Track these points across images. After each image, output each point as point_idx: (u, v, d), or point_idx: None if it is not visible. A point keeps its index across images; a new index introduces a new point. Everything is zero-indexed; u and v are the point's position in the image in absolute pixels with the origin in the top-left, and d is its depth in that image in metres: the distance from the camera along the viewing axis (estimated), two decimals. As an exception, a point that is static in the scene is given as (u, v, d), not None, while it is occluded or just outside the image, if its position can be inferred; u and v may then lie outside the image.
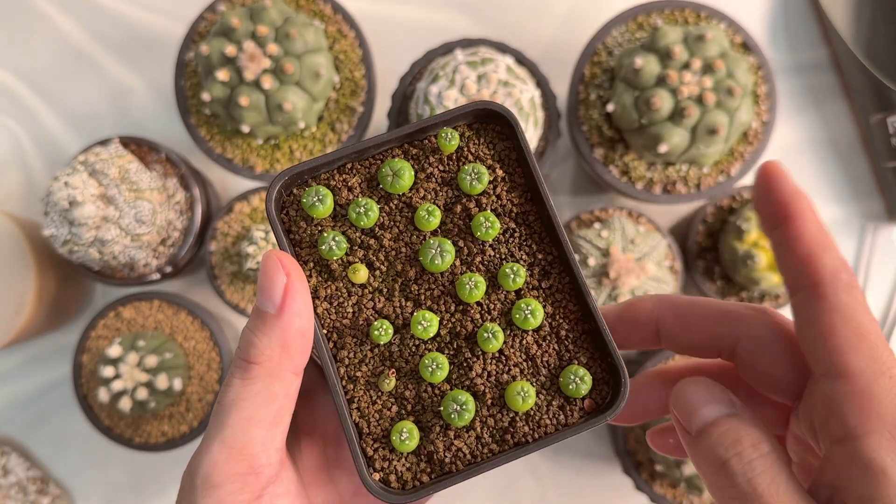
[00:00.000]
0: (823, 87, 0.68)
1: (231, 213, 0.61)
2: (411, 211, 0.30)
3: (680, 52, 0.53)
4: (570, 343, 0.29)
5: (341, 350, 0.29)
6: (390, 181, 0.29)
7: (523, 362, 0.29)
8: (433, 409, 0.29)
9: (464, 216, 0.30)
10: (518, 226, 0.30)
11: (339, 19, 0.61)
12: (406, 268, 0.29)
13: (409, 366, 0.29)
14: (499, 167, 0.30)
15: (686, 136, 0.54)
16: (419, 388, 0.29)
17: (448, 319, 0.29)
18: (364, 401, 0.29)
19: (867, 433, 0.23)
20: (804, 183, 0.67)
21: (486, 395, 0.29)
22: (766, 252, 0.58)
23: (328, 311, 0.29)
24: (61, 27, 0.67)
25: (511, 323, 0.29)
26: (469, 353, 0.29)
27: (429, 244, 0.29)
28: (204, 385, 0.61)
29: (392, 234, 0.30)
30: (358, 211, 0.29)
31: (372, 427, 0.29)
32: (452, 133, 0.29)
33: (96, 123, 0.67)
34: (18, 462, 0.64)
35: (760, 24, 0.68)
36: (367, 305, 0.29)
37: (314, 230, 0.30)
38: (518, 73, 0.55)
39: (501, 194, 0.30)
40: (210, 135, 0.60)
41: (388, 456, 0.29)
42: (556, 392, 0.29)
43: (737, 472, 0.24)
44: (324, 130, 0.60)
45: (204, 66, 0.55)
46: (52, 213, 0.54)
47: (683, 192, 0.60)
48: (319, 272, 0.30)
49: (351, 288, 0.29)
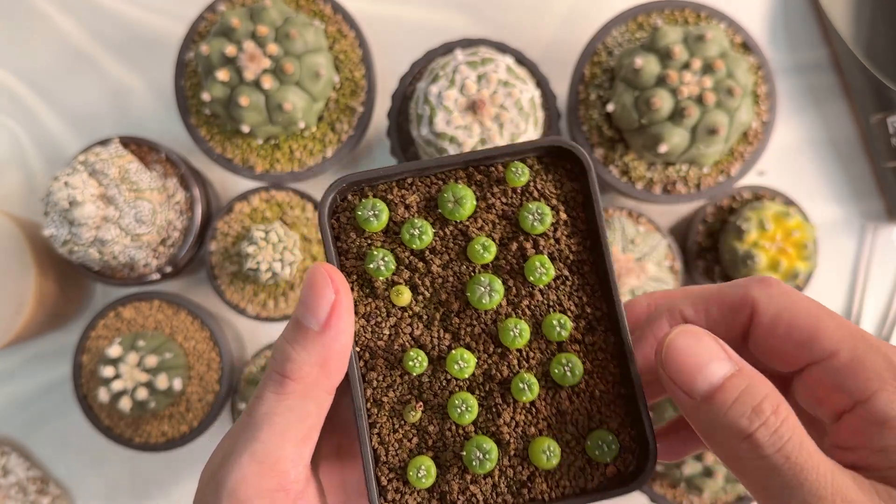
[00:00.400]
0: (823, 87, 0.68)
1: (231, 213, 0.61)
2: (465, 240, 0.29)
3: (680, 52, 0.53)
4: (604, 405, 0.28)
5: (371, 371, 0.28)
6: (450, 207, 0.28)
7: (553, 416, 0.28)
8: (454, 450, 0.28)
9: (518, 255, 0.29)
10: (571, 274, 0.29)
11: (339, 19, 0.61)
12: (451, 299, 0.28)
13: (436, 400, 0.28)
14: (563, 209, 0.29)
15: (686, 136, 0.54)
16: (443, 426, 0.28)
17: (485, 360, 0.28)
18: (386, 428, 0.28)
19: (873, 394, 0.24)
20: (804, 183, 0.67)
21: (511, 444, 0.28)
22: (766, 252, 0.58)
23: (364, 328, 0.28)
24: (61, 27, 0.67)
25: (547, 374, 0.28)
26: (500, 399, 0.28)
27: (479, 280, 0.28)
28: (204, 385, 0.61)
29: (442, 261, 0.28)
30: (412, 232, 0.28)
31: (390, 456, 0.28)
32: (523, 169, 0.28)
33: (96, 123, 0.67)
34: (18, 462, 0.64)
35: (760, 24, 0.68)
36: (405, 330, 0.28)
37: (363, 243, 0.28)
38: (518, 73, 0.55)
39: (561, 238, 0.29)
40: (210, 135, 0.60)
41: (402, 489, 0.28)
42: (580, 453, 0.28)
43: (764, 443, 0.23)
44: (324, 130, 0.60)
45: (204, 66, 0.55)
46: (52, 213, 0.54)
47: (683, 192, 0.60)
48: (361, 286, 0.29)
49: (391, 308, 0.28)
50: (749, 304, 0.27)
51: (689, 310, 0.28)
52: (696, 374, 0.24)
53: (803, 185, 0.67)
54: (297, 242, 0.59)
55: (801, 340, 0.25)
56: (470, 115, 0.52)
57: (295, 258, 0.58)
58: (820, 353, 0.25)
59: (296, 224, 0.61)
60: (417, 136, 0.55)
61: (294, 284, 0.61)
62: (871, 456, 0.23)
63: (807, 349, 0.25)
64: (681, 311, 0.28)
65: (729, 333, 0.28)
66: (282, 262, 0.57)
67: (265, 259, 0.56)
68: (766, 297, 0.26)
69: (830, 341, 0.25)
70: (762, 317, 0.26)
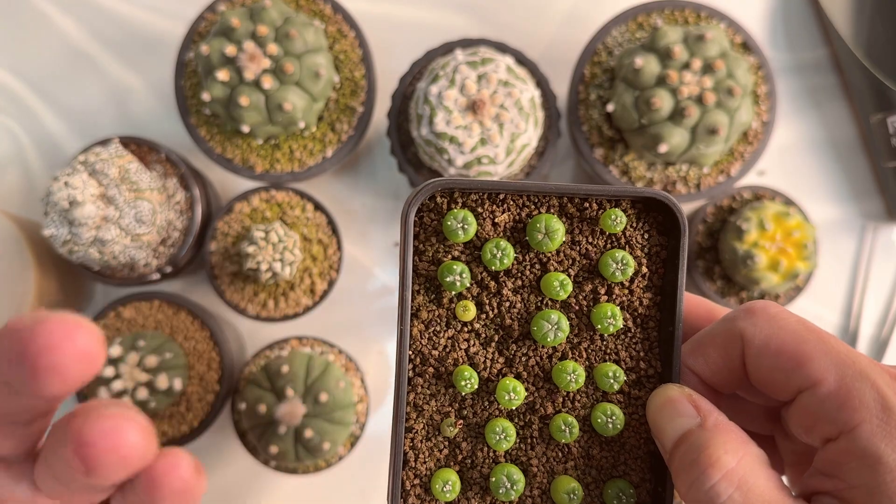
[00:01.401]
0: (823, 87, 0.68)
1: (231, 213, 0.61)
2: (542, 271, 0.28)
3: (680, 51, 0.53)
4: (631, 458, 0.28)
5: (418, 377, 0.28)
6: (539, 238, 0.28)
7: (581, 459, 0.28)
8: (482, 471, 0.28)
9: (591, 299, 0.28)
10: (636, 327, 0.29)
11: (339, 19, 0.61)
12: (514, 325, 0.28)
13: (476, 419, 0.28)
14: (645, 263, 0.29)
15: (686, 136, 0.54)
16: (476, 446, 0.28)
17: (532, 392, 0.28)
18: (420, 434, 0.28)
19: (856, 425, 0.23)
20: (804, 183, 0.67)
21: (536, 478, 0.28)
22: (766, 252, 0.58)
23: (422, 333, 0.28)
24: (61, 27, 0.67)
25: (587, 419, 0.28)
26: (537, 433, 0.28)
27: (547, 317, 0.28)
28: (204, 385, 0.61)
29: (514, 286, 0.28)
30: (494, 253, 0.27)
31: (418, 463, 0.28)
32: (622, 219, 0.28)
33: (96, 123, 0.67)
34: (18, 462, 0.64)
35: (760, 24, 0.68)
36: (462, 346, 0.28)
37: (443, 250, 0.28)
38: (518, 73, 0.55)
39: (635, 290, 0.29)
40: (210, 135, 0.60)
41: (423, 496, 0.28)
42: (597, 497, 0.28)
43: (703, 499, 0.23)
44: (324, 130, 0.60)
45: (204, 66, 0.55)
46: (52, 213, 0.54)
47: (683, 192, 0.60)
48: (427, 290, 0.28)
49: (452, 320, 0.28)
50: (738, 337, 0.26)
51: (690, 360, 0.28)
52: (662, 433, 0.26)
53: (803, 185, 0.67)
54: (297, 242, 0.59)
55: (788, 367, 0.25)
56: (470, 115, 0.52)
57: (295, 258, 0.58)
58: (806, 381, 0.24)
59: (296, 224, 0.61)
60: (417, 136, 0.55)
61: (294, 284, 0.61)
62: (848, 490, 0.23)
63: (794, 376, 0.25)
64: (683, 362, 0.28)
65: (731, 373, 0.27)
66: (282, 262, 0.57)
67: (265, 259, 0.56)
68: (752, 326, 0.26)
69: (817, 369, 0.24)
70: (750, 348, 0.26)
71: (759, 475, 0.23)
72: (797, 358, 0.25)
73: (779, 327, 0.25)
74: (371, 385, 0.65)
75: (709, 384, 0.28)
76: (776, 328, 0.25)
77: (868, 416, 0.23)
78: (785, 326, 0.25)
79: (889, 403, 0.23)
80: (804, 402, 0.25)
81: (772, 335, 0.25)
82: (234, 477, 0.65)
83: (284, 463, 0.60)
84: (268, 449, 0.57)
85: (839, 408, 0.23)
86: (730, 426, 0.25)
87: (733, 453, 0.24)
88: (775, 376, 0.25)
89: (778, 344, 0.25)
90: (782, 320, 0.26)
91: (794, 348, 0.25)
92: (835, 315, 0.67)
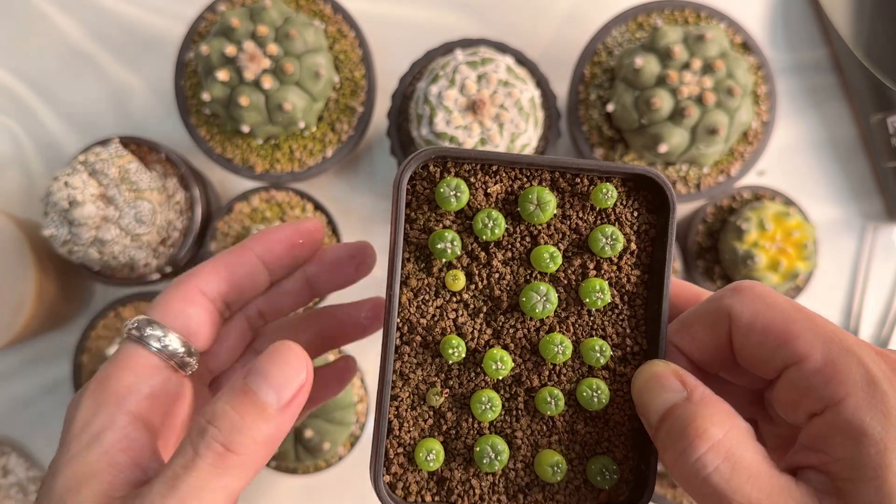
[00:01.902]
0: (823, 87, 0.68)
1: (231, 213, 0.61)
2: (532, 244, 0.28)
3: (680, 51, 0.53)
4: (615, 435, 0.28)
5: (405, 345, 0.28)
6: (531, 209, 0.28)
7: (565, 433, 0.28)
8: (466, 442, 0.28)
9: (579, 273, 0.28)
10: (623, 304, 0.29)
11: (339, 19, 0.61)
12: (503, 297, 0.28)
13: (461, 390, 0.28)
14: (634, 240, 0.29)
15: (686, 136, 0.54)
16: (461, 416, 0.28)
17: (518, 365, 0.28)
18: (405, 403, 0.28)
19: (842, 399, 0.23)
20: (804, 183, 0.67)
21: (521, 451, 0.28)
22: (766, 252, 0.58)
23: (411, 301, 0.28)
24: (61, 27, 0.67)
25: (573, 394, 0.28)
26: (522, 406, 0.28)
27: (536, 289, 0.28)
28: (204, 385, 0.61)
29: (504, 258, 0.28)
30: (485, 222, 0.27)
31: (402, 432, 0.28)
32: (613, 193, 0.28)
33: (96, 123, 0.67)
34: (18, 462, 0.64)
35: (760, 24, 0.68)
36: (450, 315, 0.28)
37: (434, 219, 0.28)
38: (518, 73, 0.55)
39: (623, 267, 0.29)
40: (210, 135, 0.60)
41: (406, 465, 0.28)
42: (580, 473, 0.28)
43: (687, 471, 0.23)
44: (324, 130, 0.60)
45: (204, 66, 0.55)
46: (51, 213, 0.54)
47: (683, 192, 0.60)
48: (417, 259, 0.28)
49: (441, 290, 0.28)
50: (725, 315, 0.27)
51: (676, 337, 0.28)
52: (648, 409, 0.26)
53: (803, 185, 0.67)
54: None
55: (775, 344, 0.25)
56: (470, 115, 0.52)
57: (295, 258, 0.58)
58: (793, 356, 0.25)
59: (296, 224, 0.61)
60: (417, 135, 0.55)
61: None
62: (832, 463, 0.23)
63: (781, 352, 0.25)
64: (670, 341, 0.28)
65: (717, 351, 0.28)
66: (282, 262, 0.57)
67: (265, 259, 0.56)
68: (740, 303, 0.26)
69: (804, 344, 0.24)
70: (738, 324, 0.26)
71: (746, 447, 0.23)
72: (784, 334, 0.25)
73: (766, 305, 0.26)
74: (371, 385, 0.65)
75: (695, 363, 0.28)
76: (763, 306, 0.26)
77: (853, 389, 0.23)
78: (772, 304, 0.26)
79: (874, 378, 0.23)
80: (790, 378, 0.25)
81: (759, 312, 0.26)
82: (234, 477, 0.65)
83: (284, 463, 0.60)
84: (268, 449, 0.57)
85: (825, 382, 0.24)
86: (716, 400, 0.25)
87: (720, 425, 0.24)
88: (762, 353, 0.26)
89: (765, 321, 0.25)
90: (770, 298, 0.26)
91: (782, 325, 0.25)
92: (835, 315, 0.67)
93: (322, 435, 0.57)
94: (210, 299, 0.31)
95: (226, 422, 0.24)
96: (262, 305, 0.35)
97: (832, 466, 0.23)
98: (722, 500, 0.23)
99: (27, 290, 0.58)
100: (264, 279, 0.34)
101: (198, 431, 0.24)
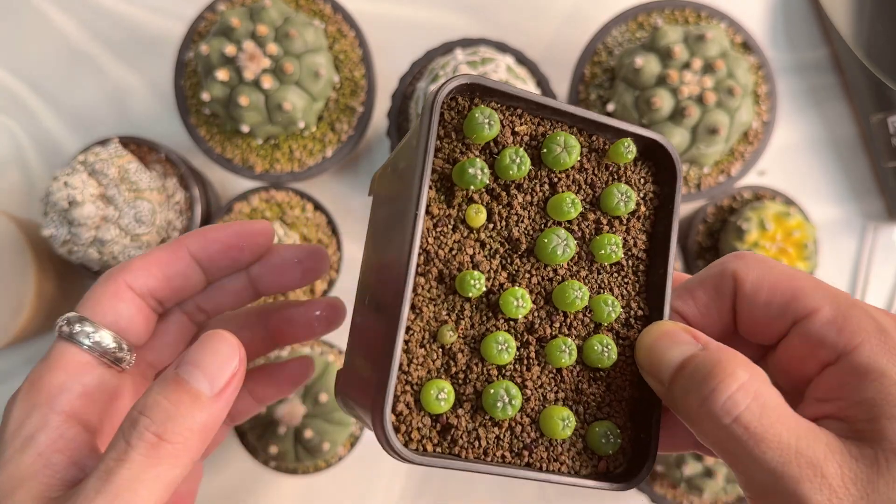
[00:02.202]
0: (823, 87, 0.68)
1: (231, 213, 0.61)
2: (552, 191, 0.28)
3: (680, 51, 0.53)
4: (616, 400, 0.28)
5: (420, 276, 0.26)
6: (557, 152, 0.27)
7: (572, 391, 0.28)
8: (475, 386, 0.26)
9: (593, 228, 0.28)
10: (628, 267, 0.29)
11: (339, 19, 0.61)
12: (521, 239, 0.27)
13: (473, 331, 0.27)
14: (642, 205, 0.29)
15: (686, 135, 0.54)
16: (472, 359, 0.26)
17: (532, 312, 0.27)
18: (416, 339, 0.26)
19: (857, 345, 0.24)
20: (804, 183, 0.67)
21: (530, 402, 0.27)
22: (766, 252, 0.58)
23: (430, 231, 0.26)
24: (61, 27, 0.67)
25: (581, 349, 0.28)
26: (534, 355, 0.27)
27: (557, 233, 0.27)
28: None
29: (524, 200, 0.28)
30: (513, 158, 0.26)
31: (411, 368, 0.26)
32: (632, 148, 0.28)
33: (96, 123, 0.67)
34: (18, 462, 0.64)
35: (761, 24, 0.68)
36: (467, 251, 0.27)
37: (461, 148, 0.27)
38: (518, 73, 0.55)
39: (632, 230, 0.29)
40: (210, 135, 0.60)
41: (411, 405, 0.26)
42: (582, 436, 0.28)
43: (717, 411, 0.23)
44: (324, 130, 0.60)
45: (203, 65, 0.55)
46: (51, 213, 0.54)
47: (684, 192, 0.60)
48: (439, 189, 0.27)
49: (459, 225, 0.27)
50: (730, 277, 0.27)
51: (678, 302, 0.29)
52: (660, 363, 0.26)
53: (803, 185, 0.67)
54: (296, 242, 0.59)
55: (783, 301, 0.26)
56: (470, 115, 0.52)
57: (295, 258, 0.58)
58: (803, 310, 0.25)
59: (295, 224, 0.61)
60: (417, 135, 0.55)
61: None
62: (850, 408, 0.24)
63: (790, 308, 0.26)
64: (672, 306, 0.29)
65: (720, 315, 0.28)
66: (282, 262, 0.57)
67: (265, 259, 0.56)
68: (745, 267, 0.27)
69: (813, 299, 0.25)
70: (744, 285, 0.27)
71: (770, 391, 0.24)
72: (792, 290, 0.26)
73: (769, 267, 0.27)
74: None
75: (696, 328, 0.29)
76: (767, 268, 0.27)
77: (867, 336, 0.24)
78: (775, 267, 0.27)
79: (884, 327, 0.24)
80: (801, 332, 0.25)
81: (765, 273, 0.26)
82: (234, 477, 0.65)
83: (284, 463, 0.60)
84: (267, 449, 0.57)
85: (838, 331, 0.24)
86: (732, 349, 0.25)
87: (745, 367, 0.24)
88: (769, 311, 0.26)
89: (772, 280, 0.26)
90: (772, 262, 0.27)
91: (788, 283, 0.26)
92: (835, 315, 0.67)
93: (322, 435, 0.57)
94: (139, 295, 0.30)
95: (158, 411, 0.24)
96: (201, 301, 0.34)
97: (850, 411, 0.24)
98: (751, 442, 0.22)
99: (27, 291, 0.58)
100: (199, 278, 0.33)
101: (130, 423, 0.24)
